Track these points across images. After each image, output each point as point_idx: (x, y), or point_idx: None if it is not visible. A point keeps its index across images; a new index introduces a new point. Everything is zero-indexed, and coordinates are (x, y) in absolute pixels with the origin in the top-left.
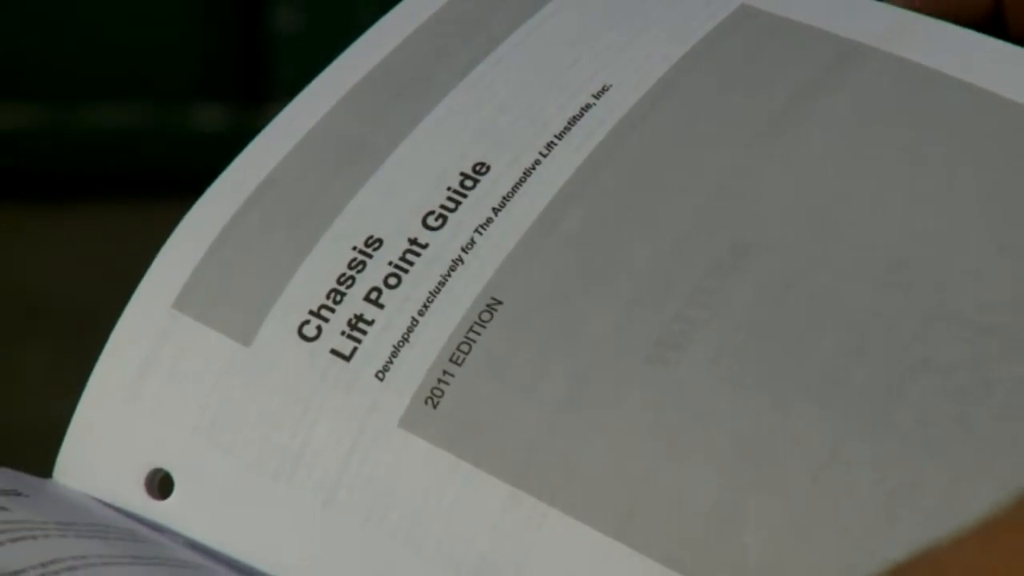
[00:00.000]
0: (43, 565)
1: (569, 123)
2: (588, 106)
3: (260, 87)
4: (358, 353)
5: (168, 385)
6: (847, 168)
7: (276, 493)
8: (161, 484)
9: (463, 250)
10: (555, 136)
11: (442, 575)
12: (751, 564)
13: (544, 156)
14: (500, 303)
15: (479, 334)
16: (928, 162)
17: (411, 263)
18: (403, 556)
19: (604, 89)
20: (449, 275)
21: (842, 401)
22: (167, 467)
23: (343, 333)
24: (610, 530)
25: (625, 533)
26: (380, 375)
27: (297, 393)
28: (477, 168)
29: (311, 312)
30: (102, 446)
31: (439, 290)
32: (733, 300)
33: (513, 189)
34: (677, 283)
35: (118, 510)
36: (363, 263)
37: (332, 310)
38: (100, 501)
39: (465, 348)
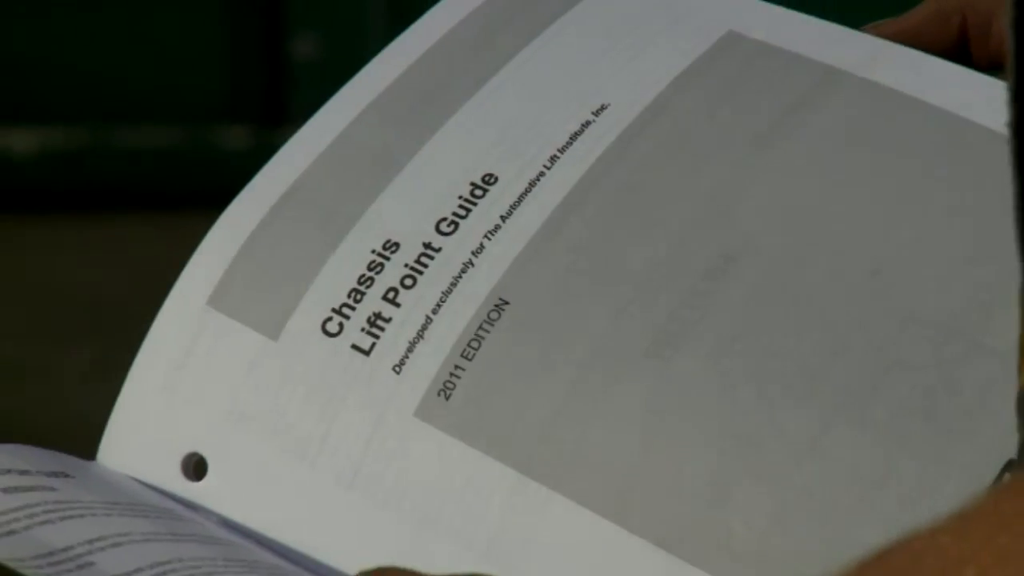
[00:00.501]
0: (89, 542)
1: (571, 138)
2: (588, 122)
3: (281, 111)
4: (376, 348)
5: (203, 376)
6: (827, 183)
7: (302, 476)
8: (196, 467)
9: (473, 254)
10: (558, 150)
11: (455, 552)
12: (738, 545)
13: (548, 168)
14: (507, 303)
15: (488, 332)
16: (901, 178)
17: (425, 265)
18: (418, 535)
19: (603, 107)
20: (460, 277)
21: (822, 396)
22: (202, 451)
23: (363, 329)
24: (608, 513)
25: (622, 516)
26: (397, 369)
27: (320, 385)
28: (486, 178)
29: (333, 310)
30: (142, 432)
31: (451, 291)
32: (723, 302)
33: (519, 198)
34: (671, 286)
35: (157, 490)
36: (381, 265)
37: (353, 308)
38: (141, 482)
39: (475, 345)
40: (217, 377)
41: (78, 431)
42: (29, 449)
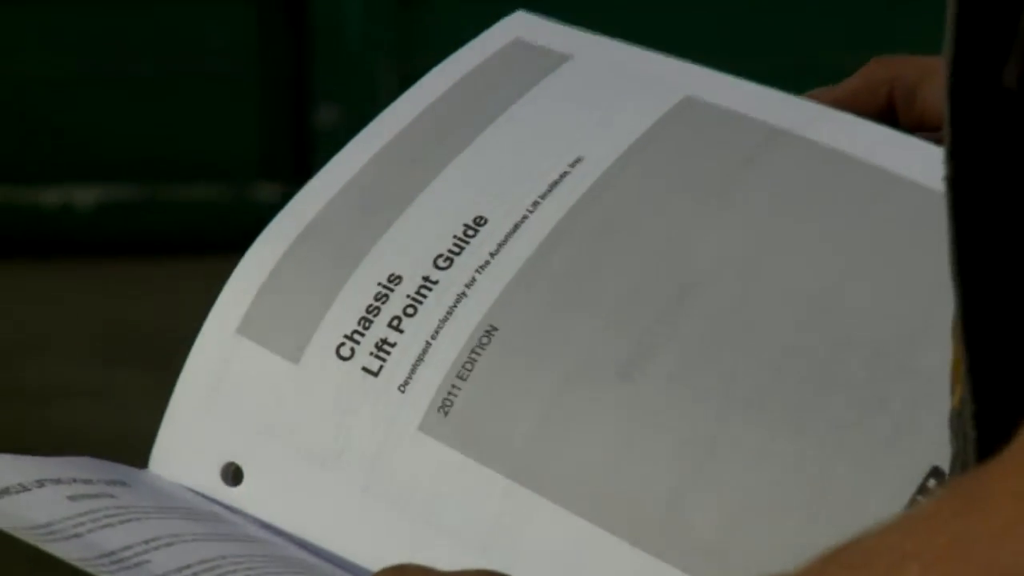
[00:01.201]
0: (146, 542)
1: (551, 186)
2: (565, 173)
3: (307, 170)
4: (384, 370)
5: (235, 396)
6: (774, 227)
7: (324, 482)
8: (234, 474)
9: (466, 286)
10: (539, 196)
11: (454, 549)
12: (702, 544)
13: (531, 211)
14: (496, 329)
15: (480, 355)
16: (838, 224)
17: (425, 296)
18: (423, 533)
19: (578, 160)
20: (455, 306)
21: (769, 412)
22: (238, 461)
23: (371, 353)
24: (587, 515)
25: (600, 518)
26: (402, 388)
27: (337, 403)
28: (477, 220)
29: (346, 336)
30: (186, 444)
31: (447, 319)
32: (682, 330)
33: (506, 237)
34: (638, 315)
35: (202, 495)
36: (386, 296)
37: (363, 334)
38: (187, 488)
39: (469, 367)
40: (247, 397)
41: (132, 444)
42: (91, 460)
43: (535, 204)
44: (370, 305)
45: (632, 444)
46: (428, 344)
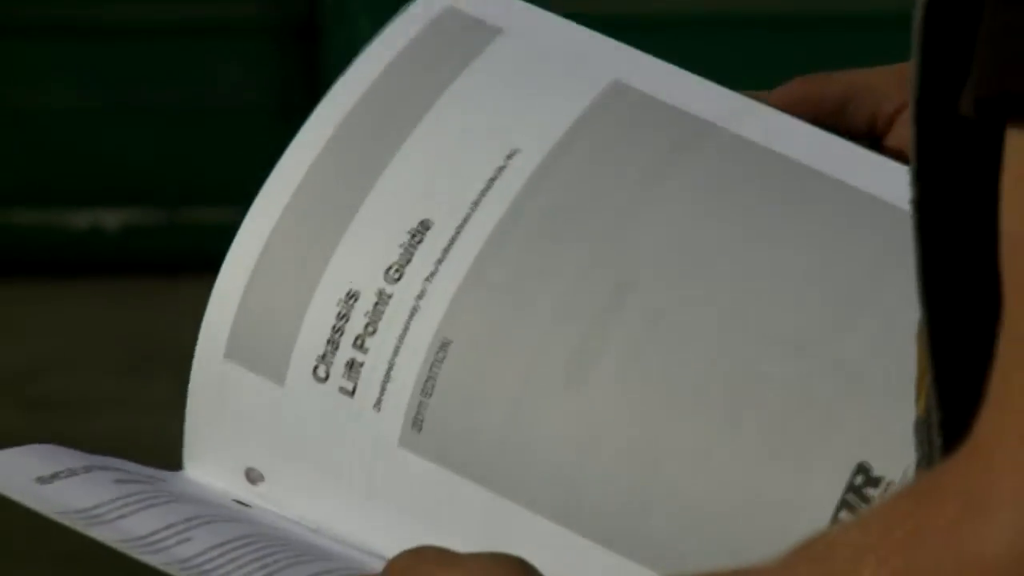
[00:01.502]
0: (187, 520)
1: (488, 182)
2: (502, 167)
3: None
4: (358, 390)
5: (237, 416)
6: (700, 225)
7: (333, 488)
8: (256, 476)
9: (417, 298)
10: (479, 194)
11: (450, 542)
12: (664, 544)
13: (472, 212)
14: (450, 342)
15: (438, 370)
16: (761, 219)
17: (381, 312)
18: (429, 535)
19: (513, 152)
20: (409, 322)
21: (706, 412)
22: (256, 466)
23: (344, 375)
24: (559, 519)
25: (569, 520)
26: (376, 407)
27: (324, 422)
28: (422, 223)
29: (318, 357)
30: (208, 452)
31: (404, 335)
32: (620, 332)
33: (450, 242)
34: (579, 319)
35: (226, 495)
36: (347, 315)
37: (333, 356)
38: (214, 488)
39: (431, 382)
40: (246, 418)
41: (158, 450)
42: (126, 462)
43: (475, 203)
44: (334, 326)
45: (587, 448)
46: (391, 363)
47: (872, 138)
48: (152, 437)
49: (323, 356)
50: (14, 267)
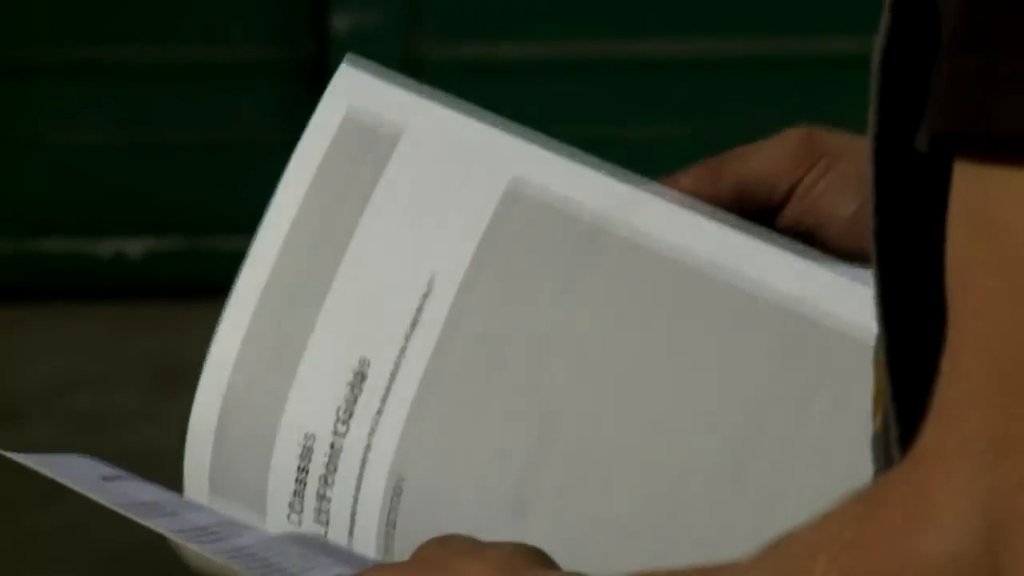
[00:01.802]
0: (231, 522)
1: (416, 314)
2: (425, 295)
3: None
4: (331, 523)
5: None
6: (610, 340)
7: None
8: None
9: (368, 436)
10: (408, 330)
11: None
12: None
13: (404, 350)
14: (404, 479)
15: (397, 507)
16: (659, 335)
17: (338, 453)
18: None
19: (432, 278)
20: (364, 464)
21: (641, 538)
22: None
23: (315, 512)
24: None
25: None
26: (350, 536)
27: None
28: (363, 362)
29: (289, 504)
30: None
31: (362, 476)
32: (550, 466)
33: (390, 381)
34: (513, 452)
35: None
36: (308, 457)
37: (302, 495)
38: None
39: (392, 517)
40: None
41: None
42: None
43: (407, 337)
44: (299, 466)
45: None
46: (355, 501)
47: (771, 209)
48: (176, 446)
49: (294, 494)
50: (45, 291)
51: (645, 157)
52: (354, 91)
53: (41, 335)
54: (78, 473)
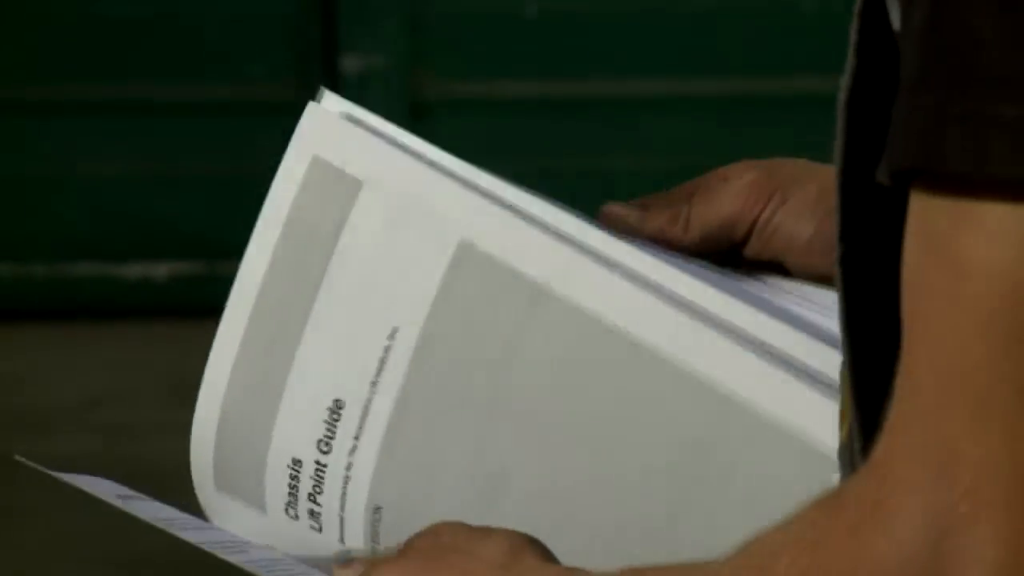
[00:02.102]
0: (243, 540)
1: (380, 363)
2: (388, 347)
3: None
4: (324, 529)
5: (237, 529)
6: (549, 404)
7: None
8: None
9: (347, 469)
10: (375, 375)
11: None
12: None
13: (373, 392)
14: (381, 508)
15: (378, 529)
16: (596, 403)
17: (322, 478)
18: None
19: (395, 330)
20: (345, 489)
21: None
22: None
23: (308, 519)
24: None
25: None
26: (341, 541)
27: (303, 545)
28: (336, 403)
29: (286, 502)
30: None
31: (344, 499)
32: (508, 516)
33: (361, 420)
34: (468, 507)
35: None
36: (296, 475)
37: (295, 504)
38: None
39: (375, 538)
40: (243, 533)
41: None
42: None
43: (373, 384)
44: (289, 483)
45: None
46: (341, 518)
47: (735, 245)
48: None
49: (288, 502)
50: (76, 312)
51: (630, 187)
52: (320, 133)
53: (71, 352)
54: (99, 490)
